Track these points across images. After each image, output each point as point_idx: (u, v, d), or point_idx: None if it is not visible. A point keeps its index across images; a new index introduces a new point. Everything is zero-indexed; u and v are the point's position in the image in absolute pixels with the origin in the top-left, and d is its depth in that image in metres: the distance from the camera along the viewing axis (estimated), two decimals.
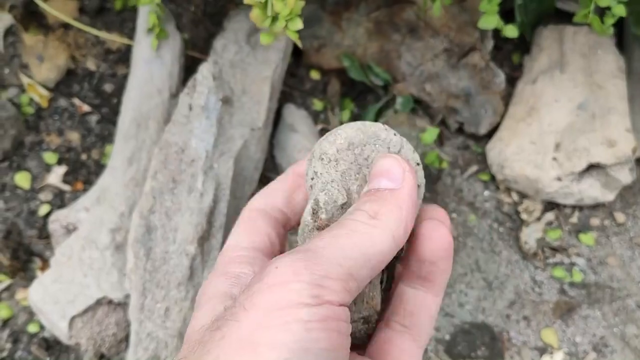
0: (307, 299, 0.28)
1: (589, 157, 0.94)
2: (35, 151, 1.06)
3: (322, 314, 0.28)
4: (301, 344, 0.27)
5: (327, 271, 0.29)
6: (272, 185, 0.40)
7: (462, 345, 0.92)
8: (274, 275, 0.29)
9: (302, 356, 0.27)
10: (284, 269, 0.29)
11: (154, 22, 0.94)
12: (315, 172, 0.35)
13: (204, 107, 0.95)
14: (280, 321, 0.27)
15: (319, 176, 0.35)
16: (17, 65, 1.08)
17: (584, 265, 0.98)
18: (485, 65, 1.04)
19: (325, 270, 0.29)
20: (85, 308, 0.88)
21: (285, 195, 0.39)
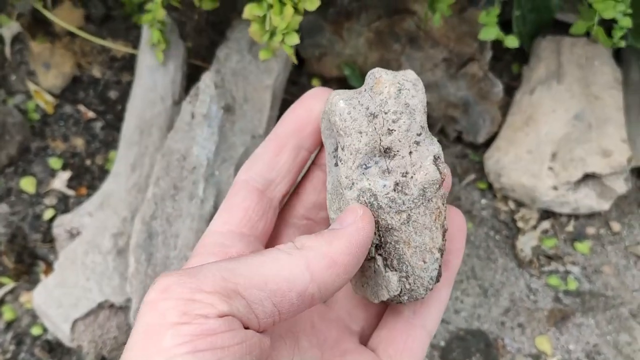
0: (175, 318, 0.25)
1: (585, 167, 0.95)
2: (41, 156, 1.09)
3: (190, 334, 0.25)
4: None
5: (200, 283, 0.26)
6: (255, 152, 0.36)
7: (457, 352, 0.93)
8: (148, 294, 0.27)
9: None
10: (158, 286, 0.27)
11: (158, 38, 0.96)
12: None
13: (205, 115, 0.97)
14: (145, 355, 0.25)
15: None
16: (24, 72, 1.11)
17: (578, 273, 0.99)
18: (483, 75, 1.05)
19: (199, 282, 0.26)
20: (88, 311, 0.90)
21: (267, 160, 0.36)
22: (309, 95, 0.35)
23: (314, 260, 0.29)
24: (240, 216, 0.34)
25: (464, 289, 0.99)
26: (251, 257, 0.29)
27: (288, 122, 0.36)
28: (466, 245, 1.02)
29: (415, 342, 0.36)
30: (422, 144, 0.32)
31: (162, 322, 0.25)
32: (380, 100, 0.31)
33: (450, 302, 0.98)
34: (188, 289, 0.26)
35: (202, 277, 0.27)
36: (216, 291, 0.26)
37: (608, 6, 0.85)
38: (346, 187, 0.33)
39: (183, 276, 0.27)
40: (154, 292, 0.27)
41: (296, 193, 0.38)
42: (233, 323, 0.26)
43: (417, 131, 0.32)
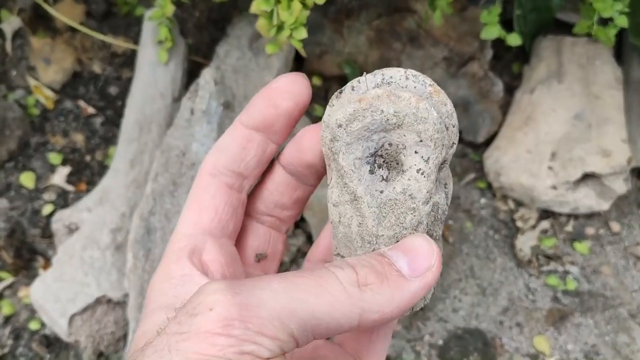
0: (231, 355, 0.25)
1: (585, 167, 0.95)
2: (40, 152, 1.09)
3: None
4: None
5: (262, 327, 0.26)
6: (219, 142, 0.34)
7: (454, 350, 0.93)
8: (204, 318, 0.26)
9: None
10: (217, 312, 0.26)
11: (166, 35, 0.96)
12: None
13: (205, 112, 0.97)
14: None
15: None
16: (24, 67, 1.11)
17: (577, 273, 0.99)
18: (484, 74, 1.05)
19: (261, 326, 0.26)
20: (85, 306, 0.90)
21: (235, 152, 0.33)
22: (275, 88, 0.33)
23: (368, 312, 0.27)
24: (211, 216, 0.33)
25: (462, 288, 0.99)
26: (307, 288, 0.27)
27: (254, 113, 0.34)
28: (465, 244, 1.02)
29: (381, 337, 0.36)
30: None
31: (220, 356, 0.25)
32: (447, 112, 0.31)
33: (448, 301, 0.98)
34: (250, 331, 0.26)
35: (263, 317, 0.26)
36: (276, 337, 0.26)
37: (607, 5, 0.85)
38: (424, 201, 0.30)
39: (243, 311, 0.26)
40: (213, 322, 0.26)
41: (258, 188, 0.37)
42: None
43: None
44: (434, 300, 0.98)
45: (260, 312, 0.26)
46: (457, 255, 1.01)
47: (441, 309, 0.97)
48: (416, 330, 0.96)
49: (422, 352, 0.94)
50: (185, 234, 0.33)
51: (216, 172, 0.34)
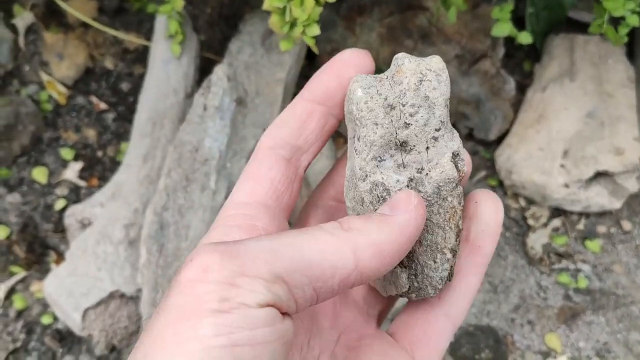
0: (214, 304, 0.24)
1: (597, 165, 0.95)
2: (53, 147, 1.09)
3: (229, 325, 0.23)
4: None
5: (244, 266, 0.25)
6: (280, 117, 0.33)
7: (466, 347, 0.93)
8: (185, 274, 0.25)
9: None
10: (197, 262, 0.25)
11: (176, 29, 0.97)
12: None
13: (218, 108, 0.97)
14: (179, 344, 0.23)
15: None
16: (38, 62, 1.11)
17: (589, 271, 0.99)
18: (496, 72, 1.05)
19: (242, 265, 0.25)
20: (99, 301, 0.90)
21: (294, 126, 0.33)
22: (339, 60, 0.32)
23: (361, 247, 0.27)
24: (267, 187, 0.32)
25: None
26: (293, 236, 0.27)
27: (316, 86, 0.33)
28: None
29: (437, 331, 0.34)
30: (441, 140, 0.31)
31: (200, 307, 0.24)
32: (400, 91, 0.30)
33: None
34: (230, 271, 0.24)
35: (245, 258, 0.25)
36: (259, 276, 0.25)
37: (618, 4, 0.85)
38: (359, 178, 0.31)
39: (225, 256, 0.25)
40: (193, 271, 0.25)
41: (331, 175, 0.36)
42: (273, 316, 0.25)
43: (435, 126, 0.31)
44: None
45: (241, 255, 0.25)
46: None
47: None
48: None
49: None
50: (238, 202, 0.32)
51: (274, 145, 0.33)
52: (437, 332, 0.34)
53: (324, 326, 0.34)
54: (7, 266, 1.02)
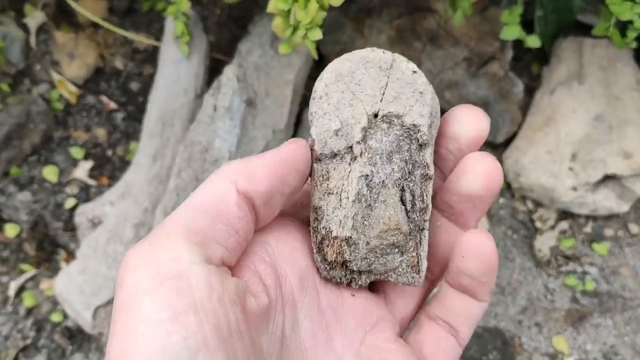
0: (146, 283, 0.25)
1: (605, 168, 0.95)
2: (63, 146, 1.10)
3: (167, 296, 0.25)
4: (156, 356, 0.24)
5: (163, 239, 0.27)
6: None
7: (474, 349, 0.94)
8: (118, 272, 0.27)
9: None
10: (122, 264, 0.27)
11: (182, 30, 0.97)
12: (311, 113, 0.34)
13: (228, 108, 0.98)
14: (128, 328, 0.24)
15: (314, 115, 0.33)
16: (49, 62, 1.12)
17: (596, 274, 0.99)
18: (504, 74, 1.05)
19: (161, 241, 0.27)
20: (109, 299, 0.91)
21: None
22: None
23: (235, 174, 0.30)
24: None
25: None
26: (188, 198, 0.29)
27: None
28: None
29: (447, 350, 0.36)
30: None
31: (136, 291, 0.24)
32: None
33: None
34: (148, 249, 0.26)
35: (162, 233, 0.27)
36: (179, 236, 0.26)
37: (625, 8, 0.85)
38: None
39: (143, 243, 0.27)
40: (120, 270, 0.26)
41: None
42: (207, 271, 0.26)
43: None
44: None
45: (157, 234, 0.28)
46: None
47: None
48: None
49: None
50: None
51: None
52: (447, 350, 0.36)
53: (349, 325, 0.35)
54: (17, 264, 1.02)
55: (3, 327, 0.98)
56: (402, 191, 0.34)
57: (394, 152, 0.33)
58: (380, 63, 0.34)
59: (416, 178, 0.34)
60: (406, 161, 0.33)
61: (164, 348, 0.23)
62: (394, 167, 0.33)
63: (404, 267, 0.35)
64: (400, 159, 0.33)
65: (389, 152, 0.33)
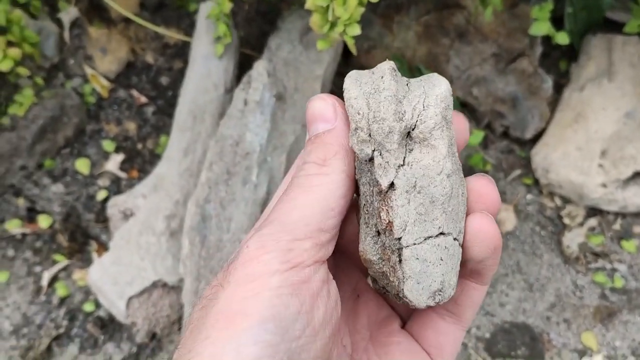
0: (277, 266, 0.29)
1: (635, 165, 0.95)
2: (95, 139, 1.12)
3: (292, 280, 0.29)
4: (272, 310, 0.28)
5: (294, 235, 0.31)
6: None
7: (502, 344, 0.94)
8: (246, 253, 0.30)
9: (275, 322, 0.28)
10: (254, 245, 0.30)
11: (224, 32, 0.98)
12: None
13: (258, 103, 0.99)
14: (253, 292, 0.29)
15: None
16: (82, 56, 1.14)
17: (625, 271, 0.99)
18: (533, 71, 1.05)
19: (293, 234, 0.31)
20: (142, 289, 0.93)
21: None
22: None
23: (346, 168, 0.33)
24: None
25: (509, 282, 1.00)
26: (303, 192, 0.32)
27: None
28: (511, 240, 1.03)
29: (449, 337, 0.37)
30: None
31: (267, 269, 0.29)
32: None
33: (495, 295, 0.99)
34: (285, 241, 0.30)
35: (293, 228, 0.31)
36: (308, 237, 0.31)
37: None
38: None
39: (273, 231, 0.31)
40: (252, 250, 0.30)
41: None
42: (322, 272, 0.31)
43: None
44: None
45: (287, 228, 0.31)
46: (503, 250, 1.02)
47: (488, 303, 0.98)
48: None
49: (469, 344, 0.95)
50: None
51: None
52: (450, 339, 0.37)
53: (361, 324, 0.37)
54: (50, 255, 1.04)
55: (37, 316, 1.00)
56: (369, 219, 0.34)
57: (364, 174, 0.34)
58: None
59: (374, 197, 0.33)
60: (369, 183, 0.33)
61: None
62: (366, 195, 0.34)
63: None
64: (367, 182, 0.33)
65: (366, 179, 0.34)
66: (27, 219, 1.06)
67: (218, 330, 0.28)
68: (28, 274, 1.03)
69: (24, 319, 1.00)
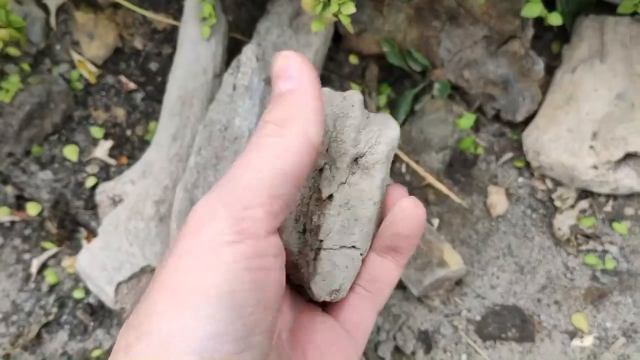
0: (230, 237, 0.28)
1: (627, 146, 0.94)
2: (83, 125, 1.11)
3: (246, 253, 0.28)
4: (226, 287, 0.27)
5: (245, 201, 0.29)
6: None
7: (492, 327, 0.94)
8: (196, 219, 0.29)
9: (228, 299, 0.27)
10: (202, 210, 0.29)
11: (210, 12, 0.97)
12: None
13: (247, 87, 0.98)
14: (206, 265, 0.27)
15: None
16: (69, 42, 1.12)
17: (616, 253, 0.99)
18: (525, 53, 1.05)
19: (244, 201, 0.29)
20: (131, 275, 0.92)
21: None
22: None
23: (309, 131, 0.31)
24: None
25: (500, 265, 0.99)
26: (257, 154, 0.31)
27: None
28: (502, 222, 1.03)
29: (364, 316, 0.39)
30: None
31: (220, 239, 0.28)
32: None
33: (486, 278, 0.99)
34: (237, 209, 0.28)
35: (243, 193, 0.29)
36: (260, 205, 0.29)
37: None
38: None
39: (224, 195, 0.29)
40: (202, 216, 0.28)
41: None
42: (275, 243, 0.30)
43: None
44: (472, 276, 0.98)
45: (236, 192, 0.29)
46: (494, 233, 1.01)
47: (479, 285, 0.98)
48: (453, 305, 0.97)
49: (460, 327, 0.95)
50: None
51: None
52: (365, 318, 0.39)
53: (287, 305, 0.38)
54: (39, 242, 1.04)
55: (26, 304, 1.00)
56: (300, 216, 0.38)
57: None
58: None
59: (311, 201, 0.37)
60: (310, 188, 0.38)
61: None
62: (304, 196, 0.38)
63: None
64: (309, 187, 0.38)
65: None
66: (15, 207, 1.05)
67: (169, 306, 0.26)
68: (17, 262, 1.02)
69: (13, 307, 0.99)
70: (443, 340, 0.94)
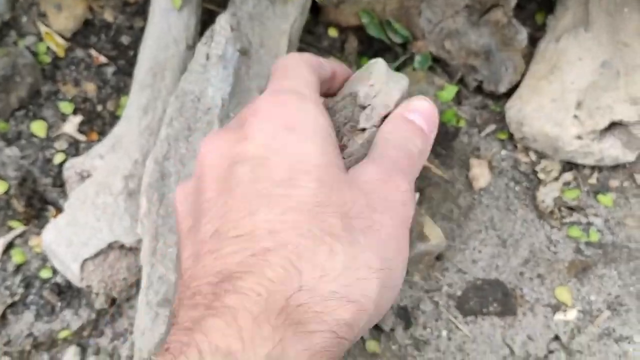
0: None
1: (612, 115, 0.92)
2: (51, 100, 1.07)
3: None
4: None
5: (304, 78, 0.38)
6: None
7: (474, 301, 0.91)
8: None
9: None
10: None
11: None
12: None
13: (221, 57, 0.95)
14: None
15: None
16: (35, 13, 1.08)
17: (601, 225, 0.96)
18: (507, 21, 1.02)
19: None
20: (98, 251, 0.89)
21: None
22: None
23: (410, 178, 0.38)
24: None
25: (482, 239, 0.96)
26: None
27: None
28: (485, 196, 1.00)
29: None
30: None
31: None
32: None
33: (467, 252, 0.96)
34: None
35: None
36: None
37: None
38: None
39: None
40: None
41: None
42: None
43: None
44: (453, 250, 0.96)
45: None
46: (476, 206, 0.98)
47: (460, 260, 0.95)
48: (434, 281, 0.94)
49: (441, 302, 0.92)
50: None
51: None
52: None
53: None
54: (6, 221, 1.00)
55: None
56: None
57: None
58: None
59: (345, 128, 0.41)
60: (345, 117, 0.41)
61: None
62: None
63: None
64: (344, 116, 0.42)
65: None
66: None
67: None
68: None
69: None
70: (423, 317, 0.91)
